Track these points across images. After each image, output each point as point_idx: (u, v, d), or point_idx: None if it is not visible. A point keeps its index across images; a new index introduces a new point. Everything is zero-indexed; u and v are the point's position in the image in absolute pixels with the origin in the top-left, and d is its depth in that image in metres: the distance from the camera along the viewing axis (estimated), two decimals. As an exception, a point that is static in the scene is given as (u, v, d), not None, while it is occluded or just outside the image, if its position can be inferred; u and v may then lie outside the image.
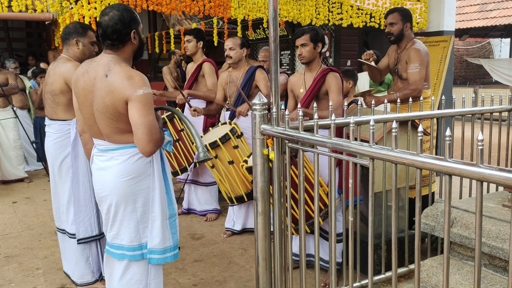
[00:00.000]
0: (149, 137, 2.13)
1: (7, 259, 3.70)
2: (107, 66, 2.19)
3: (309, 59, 3.30)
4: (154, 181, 2.31)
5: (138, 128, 2.13)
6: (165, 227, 2.34)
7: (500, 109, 3.14)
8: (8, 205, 5.20)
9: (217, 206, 4.66)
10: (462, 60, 15.97)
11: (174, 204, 2.41)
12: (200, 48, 4.57)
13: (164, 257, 2.34)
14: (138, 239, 2.34)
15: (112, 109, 2.16)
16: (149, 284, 2.39)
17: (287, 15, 5.62)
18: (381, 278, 2.97)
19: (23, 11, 4.63)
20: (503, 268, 2.19)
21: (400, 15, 3.70)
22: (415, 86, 3.57)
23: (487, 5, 13.24)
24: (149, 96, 2.16)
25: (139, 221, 2.32)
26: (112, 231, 2.38)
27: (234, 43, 4.06)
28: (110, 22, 2.19)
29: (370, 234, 1.89)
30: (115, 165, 2.27)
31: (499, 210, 2.33)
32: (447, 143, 1.51)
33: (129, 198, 2.28)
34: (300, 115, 2.17)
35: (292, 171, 2.80)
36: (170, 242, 2.36)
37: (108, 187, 2.30)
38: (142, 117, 2.12)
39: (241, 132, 3.85)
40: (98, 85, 2.19)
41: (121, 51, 2.26)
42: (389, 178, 2.92)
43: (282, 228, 2.38)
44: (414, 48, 3.65)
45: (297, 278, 2.84)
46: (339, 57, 7.47)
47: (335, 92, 3.22)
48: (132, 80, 2.13)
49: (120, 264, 2.38)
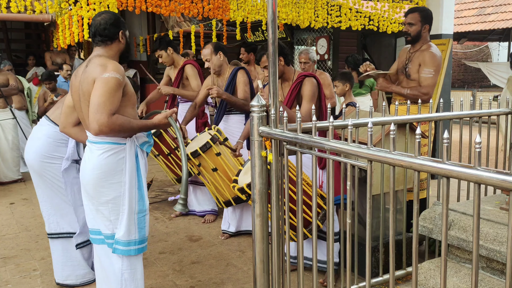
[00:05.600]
0: (93, 116, 2.25)
1: (4, 260, 3.69)
2: (89, 59, 2.41)
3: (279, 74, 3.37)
4: (125, 177, 2.43)
5: (91, 106, 2.27)
6: (132, 221, 2.47)
7: (498, 113, 3.15)
8: (5, 206, 5.18)
9: (215, 207, 4.64)
10: (461, 63, 16.00)
11: (145, 201, 2.53)
12: (174, 53, 4.59)
13: (128, 249, 2.47)
14: (111, 229, 2.49)
15: (88, 95, 2.32)
16: (122, 274, 2.52)
17: (286, 17, 5.63)
18: (379, 280, 2.97)
19: (22, 12, 4.63)
20: (501, 271, 2.19)
21: (420, 16, 3.59)
22: (427, 91, 3.52)
23: (486, 9, 13.28)
24: (112, 81, 2.28)
25: (111, 212, 2.47)
26: (89, 216, 2.57)
27: (207, 53, 4.02)
28: (101, 21, 2.46)
29: (368, 237, 1.89)
30: (93, 157, 2.43)
31: (497, 212, 2.33)
32: (444, 146, 1.52)
33: (100, 191, 2.44)
34: (298, 117, 2.17)
35: (290, 173, 2.80)
36: (136, 236, 2.49)
37: (86, 178, 2.47)
38: (96, 97, 2.26)
39: (225, 137, 3.80)
40: (82, 77, 2.38)
41: (108, 47, 2.47)
42: (387, 181, 2.93)
43: (280, 230, 2.38)
44: (431, 52, 3.55)
45: (294, 280, 2.83)
46: (337, 59, 7.48)
47: (306, 99, 3.25)
48: (104, 66, 2.31)
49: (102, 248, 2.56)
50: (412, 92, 3.55)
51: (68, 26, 4.67)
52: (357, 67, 5.71)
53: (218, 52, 4.03)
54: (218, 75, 4.13)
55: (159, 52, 4.58)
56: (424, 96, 3.51)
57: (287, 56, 3.42)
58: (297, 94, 3.28)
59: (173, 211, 4.71)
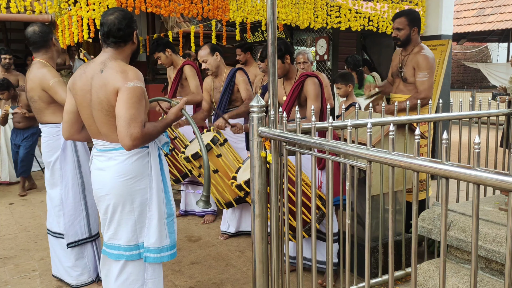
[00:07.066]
0: (126, 131, 2.11)
1: (3, 260, 3.68)
2: (103, 63, 2.23)
3: (282, 74, 3.39)
4: (152, 181, 2.32)
5: (118, 120, 2.14)
6: (162, 226, 2.35)
7: (497, 113, 3.15)
8: (5, 207, 5.18)
9: (215, 207, 4.65)
10: (460, 64, 16.01)
11: (172, 204, 2.42)
12: (172, 54, 4.59)
13: (160, 256, 2.35)
14: (135, 239, 2.35)
15: (106, 103, 2.18)
16: (145, 284, 2.39)
17: (286, 18, 5.62)
18: (378, 281, 2.97)
19: (21, 12, 4.62)
20: (500, 271, 2.19)
21: (407, 20, 3.61)
22: (425, 95, 3.53)
23: (485, 9, 13.30)
24: (138, 90, 2.16)
25: (137, 221, 2.33)
26: (109, 231, 2.38)
27: (204, 54, 4.01)
28: (115, 21, 2.25)
29: (367, 237, 1.89)
30: (113, 165, 2.28)
31: (496, 213, 2.33)
32: (444, 146, 1.52)
33: (127, 198, 2.29)
34: (298, 118, 2.18)
35: (289, 173, 2.80)
36: (167, 242, 2.37)
37: (106, 187, 2.30)
38: (124, 109, 2.12)
39: (224, 139, 3.80)
40: (94, 82, 2.22)
41: (121, 49, 2.31)
42: (386, 181, 2.93)
43: (279, 231, 2.38)
44: (423, 54, 3.56)
45: (294, 281, 2.83)
46: (337, 60, 7.47)
47: (312, 99, 3.25)
48: (125, 73, 2.17)
49: (116, 264, 2.39)
50: (412, 102, 3.58)
51: (67, 27, 4.66)
52: (357, 67, 5.71)
53: (214, 53, 4.03)
54: (216, 76, 4.14)
55: (157, 54, 4.59)
56: (424, 101, 3.52)
57: (293, 55, 3.44)
58: (298, 93, 3.28)
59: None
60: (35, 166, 6.82)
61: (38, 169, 6.76)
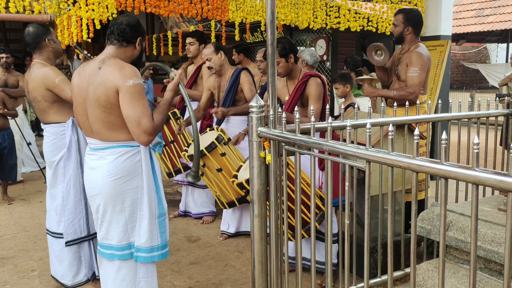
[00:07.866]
0: (139, 129, 2.21)
1: (2, 260, 3.68)
2: (102, 60, 2.29)
3: (285, 73, 3.38)
4: (143, 181, 2.34)
5: (129, 122, 2.21)
6: (153, 225, 2.37)
7: (497, 114, 3.15)
8: (4, 207, 5.17)
9: (213, 208, 4.65)
10: (459, 64, 16.04)
11: (163, 204, 2.44)
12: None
13: (151, 255, 2.37)
14: (127, 239, 2.37)
15: (104, 100, 2.22)
16: (138, 282, 2.41)
17: (285, 18, 5.62)
18: (377, 281, 2.97)
19: (20, 12, 4.62)
20: (499, 271, 2.19)
21: (403, 18, 3.62)
22: (413, 90, 3.53)
23: (484, 10, 13.32)
24: (138, 87, 2.22)
25: (128, 221, 2.35)
26: (101, 231, 2.41)
27: (209, 53, 4.02)
28: (123, 21, 2.36)
29: (367, 237, 1.89)
30: (104, 164, 2.31)
31: (495, 213, 2.34)
32: (443, 147, 1.52)
33: (117, 198, 2.32)
34: (297, 118, 2.18)
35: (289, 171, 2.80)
36: (158, 241, 2.39)
37: (98, 187, 2.34)
38: (131, 109, 2.20)
39: (228, 137, 3.81)
40: (92, 80, 2.27)
41: (123, 49, 2.37)
42: (385, 182, 2.93)
43: (278, 231, 2.38)
44: (416, 51, 3.58)
45: (293, 281, 2.83)
46: (336, 60, 7.47)
47: (314, 99, 3.25)
48: (123, 70, 2.22)
49: (112, 265, 2.41)
50: (398, 93, 3.56)
51: (67, 27, 4.66)
52: (356, 68, 5.71)
53: (219, 52, 4.04)
54: (219, 75, 4.14)
55: (192, 40, 4.66)
56: (410, 96, 3.50)
57: (297, 54, 3.44)
58: (301, 93, 3.28)
59: (171, 212, 4.70)
60: (35, 167, 6.83)
61: (37, 169, 6.76)
